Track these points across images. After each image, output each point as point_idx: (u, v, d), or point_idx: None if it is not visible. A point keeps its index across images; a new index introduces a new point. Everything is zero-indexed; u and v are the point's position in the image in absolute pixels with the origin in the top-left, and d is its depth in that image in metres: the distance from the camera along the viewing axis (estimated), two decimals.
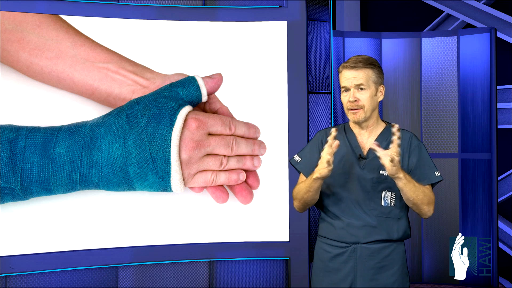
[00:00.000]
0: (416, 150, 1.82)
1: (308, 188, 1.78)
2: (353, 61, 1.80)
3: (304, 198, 1.83)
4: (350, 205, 1.81)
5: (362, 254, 1.79)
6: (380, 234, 1.78)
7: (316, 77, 2.70)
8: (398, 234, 1.80)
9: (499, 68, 3.36)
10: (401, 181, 1.69)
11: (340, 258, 1.82)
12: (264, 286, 2.57)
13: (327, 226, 1.86)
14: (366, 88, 1.78)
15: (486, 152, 3.29)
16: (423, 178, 1.80)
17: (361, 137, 1.85)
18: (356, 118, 1.79)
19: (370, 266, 1.78)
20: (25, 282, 2.28)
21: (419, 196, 1.72)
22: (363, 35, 3.48)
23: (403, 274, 1.82)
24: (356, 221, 1.79)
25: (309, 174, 1.88)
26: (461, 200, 3.35)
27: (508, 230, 3.75)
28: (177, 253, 2.42)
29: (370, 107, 1.79)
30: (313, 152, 1.91)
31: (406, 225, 1.83)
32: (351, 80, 1.78)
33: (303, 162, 1.91)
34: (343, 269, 1.81)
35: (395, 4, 4.23)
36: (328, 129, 1.94)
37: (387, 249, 1.80)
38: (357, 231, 1.79)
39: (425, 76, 3.42)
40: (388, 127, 1.87)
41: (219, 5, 2.53)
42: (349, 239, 1.80)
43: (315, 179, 1.74)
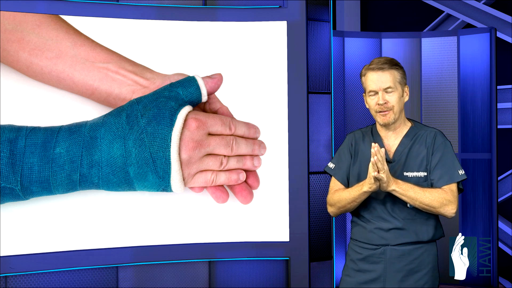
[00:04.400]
0: (441, 147, 1.81)
1: (355, 199, 1.79)
2: (377, 63, 1.80)
3: (347, 207, 1.84)
4: (378, 208, 1.82)
5: (392, 256, 1.79)
6: (408, 236, 1.78)
7: (316, 77, 2.69)
8: (428, 235, 1.80)
9: (499, 68, 3.36)
10: (396, 193, 1.72)
11: (370, 259, 1.82)
12: (264, 286, 2.57)
13: (358, 229, 1.88)
14: (394, 90, 1.78)
15: (486, 152, 3.29)
16: (443, 178, 1.78)
17: (387, 140, 1.85)
18: (386, 120, 1.79)
19: (400, 268, 1.78)
20: (25, 282, 2.28)
21: (424, 201, 1.72)
22: (363, 35, 3.48)
23: (434, 277, 1.82)
24: (384, 224, 1.80)
25: (343, 179, 1.88)
26: (461, 200, 3.35)
27: (508, 230, 3.75)
28: (177, 253, 2.42)
29: (398, 108, 1.79)
30: (344, 157, 1.92)
31: (435, 225, 1.83)
32: (379, 83, 1.78)
33: (337, 168, 1.92)
34: (373, 270, 1.81)
35: (395, 4, 4.23)
36: (357, 131, 1.94)
37: (418, 250, 1.79)
38: (386, 234, 1.79)
39: (425, 76, 3.42)
40: (413, 127, 1.86)
41: (219, 5, 2.53)
42: (379, 241, 1.80)
43: (365, 192, 1.74)
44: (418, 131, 1.85)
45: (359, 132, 1.92)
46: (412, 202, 1.72)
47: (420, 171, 1.80)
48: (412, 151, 1.81)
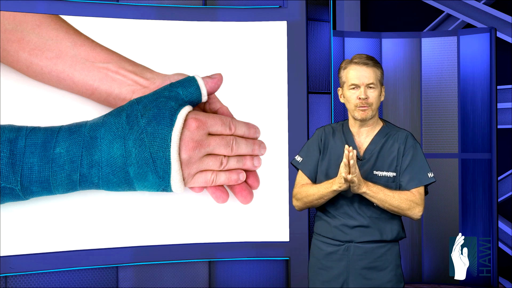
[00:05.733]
0: (411, 150, 1.82)
1: (323, 196, 1.78)
2: (361, 57, 1.80)
3: (314, 203, 1.83)
4: (344, 205, 1.81)
5: (355, 253, 1.79)
6: (373, 234, 1.79)
7: (316, 77, 2.69)
8: (391, 234, 1.81)
9: (499, 68, 3.36)
10: (367, 195, 1.72)
11: (333, 256, 1.82)
12: (264, 286, 2.57)
13: (322, 224, 1.87)
14: (375, 87, 1.78)
15: (486, 152, 3.29)
16: (412, 180, 1.79)
17: (358, 137, 1.85)
18: (364, 115, 1.79)
19: (363, 266, 1.79)
20: (25, 282, 2.28)
21: (393, 203, 1.73)
22: (363, 35, 3.48)
23: (397, 275, 1.82)
24: (350, 221, 1.80)
25: (311, 173, 1.87)
26: (461, 200, 3.35)
27: (508, 230, 3.75)
28: (177, 253, 2.42)
29: (376, 106, 1.80)
30: (313, 151, 1.90)
31: (399, 225, 1.83)
32: (362, 78, 1.77)
33: (304, 162, 1.91)
34: (336, 267, 1.81)
35: (395, 4, 4.23)
36: (327, 126, 1.93)
37: (381, 249, 1.80)
38: (351, 231, 1.79)
39: (425, 76, 3.42)
40: (385, 126, 1.87)
41: (219, 5, 2.53)
42: (343, 237, 1.80)
43: (334, 191, 1.74)
44: (389, 130, 1.86)
45: (329, 128, 1.91)
46: (381, 204, 1.73)
47: (390, 171, 1.80)
48: (384, 150, 1.82)
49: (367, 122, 1.83)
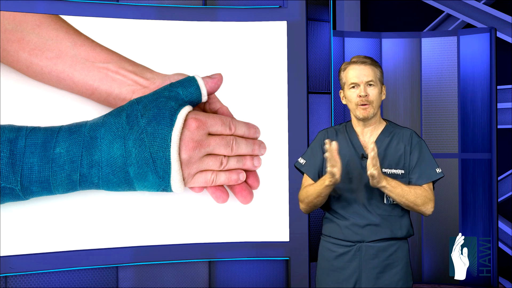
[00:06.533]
0: (417, 147, 1.84)
1: (319, 193, 1.79)
2: (359, 57, 1.83)
3: (314, 202, 1.83)
4: (353, 204, 1.82)
5: (367, 253, 1.79)
6: (384, 232, 1.79)
7: (316, 77, 2.70)
8: (402, 232, 1.81)
9: (499, 68, 3.36)
10: (386, 189, 1.73)
11: (345, 257, 1.82)
12: (264, 286, 2.57)
13: (332, 225, 1.87)
14: (375, 85, 1.80)
15: (486, 152, 3.29)
16: (422, 176, 1.81)
17: (363, 136, 1.86)
18: (366, 113, 1.80)
19: (375, 265, 1.79)
20: (25, 282, 2.28)
21: (409, 198, 1.74)
22: (363, 35, 3.48)
23: (407, 273, 1.83)
24: (360, 220, 1.80)
25: (315, 175, 1.88)
26: (461, 200, 3.35)
27: (508, 230, 3.75)
28: (177, 253, 2.42)
29: (377, 104, 1.81)
30: (316, 153, 1.91)
31: (409, 223, 1.85)
32: (361, 76, 1.79)
33: (307, 164, 1.92)
34: (348, 268, 1.81)
35: (395, 4, 4.23)
36: (330, 129, 1.94)
37: (392, 247, 1.80)
38: (362, 230, 1.80)
39: (425, 76, 3.42)
40: (388, 125, 1.88)
41: (219, 5, 2.53)
42: (354, 237, 1.81)
43: (327, 186, 1.74)
44: (393, 129, 1.87)
45: (332, 130, 1.93)
46: (398, 199, 1.74)
47: (398, 169, 1.82)
48: (390, 148, 1.83)
49: (370, 121, 1.84)
